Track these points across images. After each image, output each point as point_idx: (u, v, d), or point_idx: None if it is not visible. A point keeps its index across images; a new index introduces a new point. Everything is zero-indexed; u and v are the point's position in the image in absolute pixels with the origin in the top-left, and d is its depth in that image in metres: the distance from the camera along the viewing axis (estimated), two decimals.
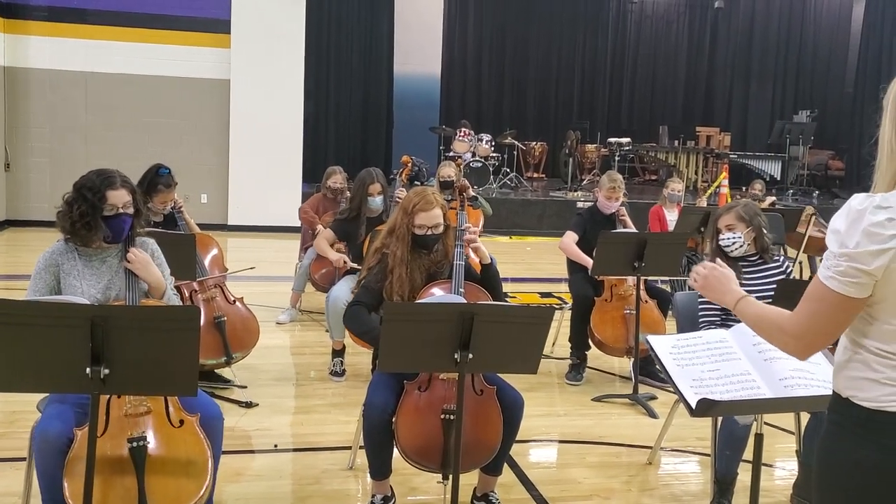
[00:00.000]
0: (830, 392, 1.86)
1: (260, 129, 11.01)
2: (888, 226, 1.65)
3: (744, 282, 3.80)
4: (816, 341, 1.78)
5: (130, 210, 3.03)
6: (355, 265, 5.16)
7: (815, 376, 2.36)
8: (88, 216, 2.95)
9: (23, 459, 3.15)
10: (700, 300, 3.85)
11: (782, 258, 4.03)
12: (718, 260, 2.17)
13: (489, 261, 3.55)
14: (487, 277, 3.53)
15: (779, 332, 1.83)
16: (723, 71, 17.08)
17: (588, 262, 5.18)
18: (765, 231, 3.92)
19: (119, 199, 2.99)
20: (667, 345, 2.52)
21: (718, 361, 2.46)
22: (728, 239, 3.85)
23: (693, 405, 2.30)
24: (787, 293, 3.50)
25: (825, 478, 1.81)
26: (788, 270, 3.98)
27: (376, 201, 5.37)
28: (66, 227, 3.00)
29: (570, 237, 5.43)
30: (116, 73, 10.78)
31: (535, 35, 16.29)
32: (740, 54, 17.01)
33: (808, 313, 1.75)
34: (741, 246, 3.84)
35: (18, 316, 2.34)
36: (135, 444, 2.64)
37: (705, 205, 8.08)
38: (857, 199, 1.71)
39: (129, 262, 3.02)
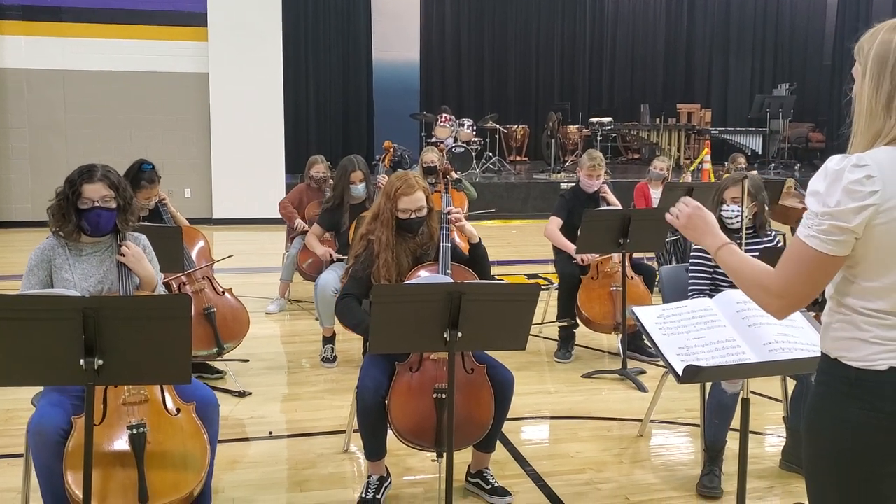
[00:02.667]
0: (814, 354, 1.88)
1: (241, 122, 10.98)
2: (867, 183, 1.67)
3: None
4: (796, 301, 1.79)
5: (111, 205, 3.03)
6: (341, 256, 5.19)
7: (797, 340, 2.41)
8: (63, 208, 3.00)
9: (20, 456, 3.18)
10: (690, 272, 3.89)
11: (774, 233, 4.06)
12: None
13: (477, 240, 3.57)
14: (475, 257, 3.55)
15: (760, 290, 1.82)
16: (702, 47, 17.13)
17: (572, 248, 5.22)
18: (766, 207, 3.93)
19: (95, 192, 2.99)
20: (652, 315, 2.57)
21: (703, 329, 2.50)
22: (732, 211, 3.85)
23: (680, 372, 2.35)
24: (771, 260, 3.55)
25: (814, 438, 1.82)
26: (779, 245, 4.01)
27: (359, 189, 5.39)
28: (50, 219, 3.06)
29: (555, 223, 5.47)
30: (94, 70, 10.71)
31: (513, 17, 16.27)
32: (718, 30, 17.06)
33: (790, 273, 1.75)
34: (743, 220, 3.85)
35: (10, 310, 2.35)
36: (135, 430, 2.67)
37: (689, 180, 8.15)
38: (833, 161, 1.72)
39: (122, 255, 3.04)
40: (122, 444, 2.70)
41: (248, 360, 5.13)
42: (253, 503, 3.38)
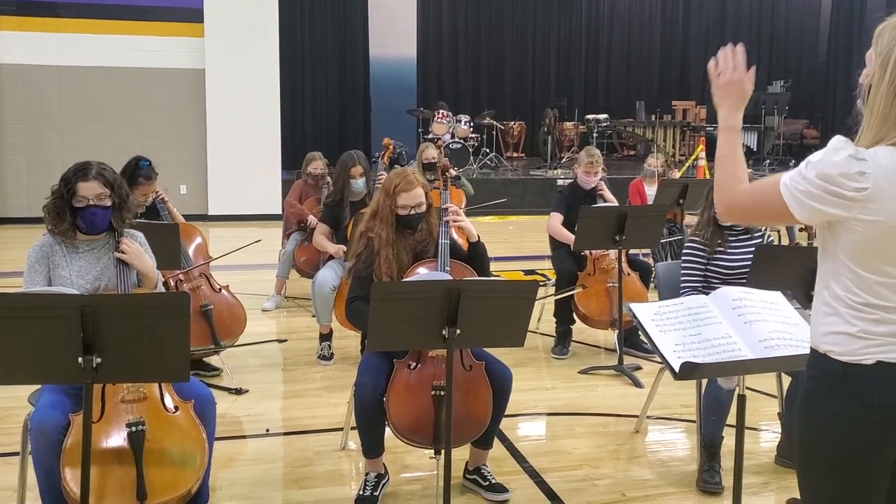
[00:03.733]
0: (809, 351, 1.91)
1: (237, 118, 10.96)
2: (858, 179, 1.69)
3: (728, 251, 3.84)
4: (740, 217, 2.06)
5: (105, 203, 3.02)
6: None
7: (793, 336, 2.43)
8: (58, 206, 3.01)
9: (15, 454, 3.17)
10: (682, 268, 3.90)
11: (764, 228, 4.08)
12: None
13: (476, 238, 3.57)
14: (474, 255, 3.55)
15: (725, 188, 1.92)
16: (697, 44, 17.14)
17: None
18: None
19: (89, 191, 3.00)
20: (649, 312, 2.57)
21: (700, 326, 2.51)
22: None
23: (676, 369, 2.36)
24: (767, 257, 3.57)
25: (805, 432, 1.85)
26: (770, 240, 4.02)
27: (359, 184, 5.38)
28: (45, 217, 3.06)
29: (556, 218, 5.47)
30: (89, 66, 10.67)
31: (510, 14, 16.26)
32: (713, 26, 17.08)
33: (753, 197, 1.87)
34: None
35: (8, 308, 2.35)
36: (133, 428, 2.67)
37: (677, 176, 8.18)
38: (838, 142, 1.74)
39: (123, 252, 3.04)
40: (120, 441, 2.69)
41: (286, 340, 5.53)
42: (250, 501, 3.38)
